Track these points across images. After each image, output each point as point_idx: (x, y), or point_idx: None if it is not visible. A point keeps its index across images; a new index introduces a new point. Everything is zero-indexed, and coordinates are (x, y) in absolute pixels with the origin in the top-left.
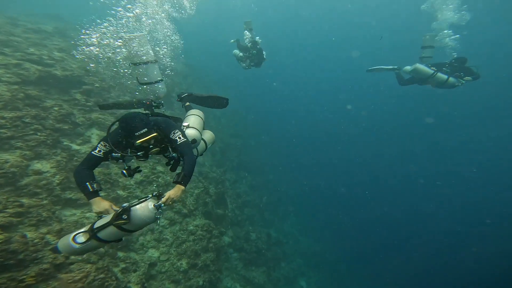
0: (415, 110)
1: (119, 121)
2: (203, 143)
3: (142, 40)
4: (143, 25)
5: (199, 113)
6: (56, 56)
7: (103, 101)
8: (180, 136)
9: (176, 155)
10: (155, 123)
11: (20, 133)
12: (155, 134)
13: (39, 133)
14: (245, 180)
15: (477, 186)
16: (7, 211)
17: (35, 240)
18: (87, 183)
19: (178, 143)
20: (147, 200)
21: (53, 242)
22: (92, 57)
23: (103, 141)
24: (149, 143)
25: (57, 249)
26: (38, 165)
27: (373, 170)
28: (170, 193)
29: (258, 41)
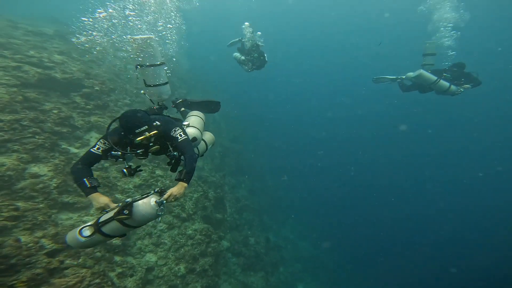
0: (415, 113)
1: (120, 118)
2: (204, 144)
3: (151, 42)
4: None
5: (200, 114)
6: (56, 59)
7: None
8: (181, 134)
9: (177, 154)
10: (156, 121)
11: (18, 136)
12: (155, 132)
13: (37, 136)
14: (244, 185)
15: (478, 190)
16: (2, 215)
17: (29, 244)
18: (85, 179)
19: (179, 141)
20: (149, 196)
21: (48, 246)
22: (92, 44)
23: (103, 139)
24: (149, 141)
25: (66, 242)
26: (35, 169)
27: (373, 175)
28: (173, 190)
29: (260, 44)
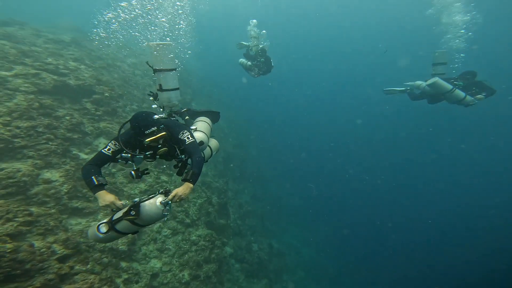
0: (416, 117)
1: (131, 120)
2: (209, 149)
3: (169, 49)
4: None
5: (207, 120)
6: (71, 66)
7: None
8: (189, 137)
9: (184, 157)
10: (165, 123)
11: (33, 142)
12: (164, 133)
13: (51, 143)
14: (247, 190)
15: (475, 192)
16: (17, 220)
17: (42, 250)
18: (93, 177)
19: (187, 143)
20: (156, 197)
21: (59, 252)
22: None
23: (114, 140)
24: (158, 143)
25: (87, 236)
26: (48, 174)
27: (377, 179)
28: (178, 190)
29: (266, 48)
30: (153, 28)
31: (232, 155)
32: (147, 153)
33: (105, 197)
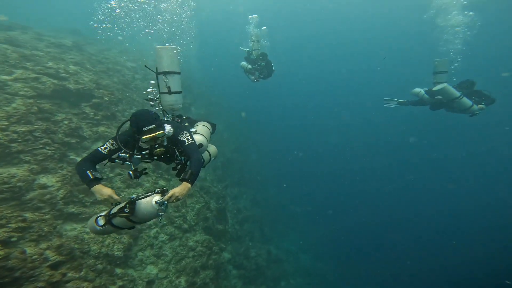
0: (414, 119)
1: (130, 117)
2: (207, 154)
3: (174, 52)
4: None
5: (207, 124)
6: (71, 70)
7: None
8: (188, 138)
9: (183, 159)
10: (164, 123)
11: (30, 147)
12: (162, 131)
13: (48, 147)
14: (246, 195)
15: (475, 192)
16: (10, 226)
17: (34, 256)
18: (87, 171)
19: (186, 144)
20: (152, 195)
21: (52, 258)
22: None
23: (112, 139)
24: (156, 142)
25: (87, 228)
26: (44, 179)
27: (378, 184)
28: (175, 191)
29: (264, 43)
30: (159, 17)
31: (231, 160)
32: (144, 152)
33: (102, 191)
